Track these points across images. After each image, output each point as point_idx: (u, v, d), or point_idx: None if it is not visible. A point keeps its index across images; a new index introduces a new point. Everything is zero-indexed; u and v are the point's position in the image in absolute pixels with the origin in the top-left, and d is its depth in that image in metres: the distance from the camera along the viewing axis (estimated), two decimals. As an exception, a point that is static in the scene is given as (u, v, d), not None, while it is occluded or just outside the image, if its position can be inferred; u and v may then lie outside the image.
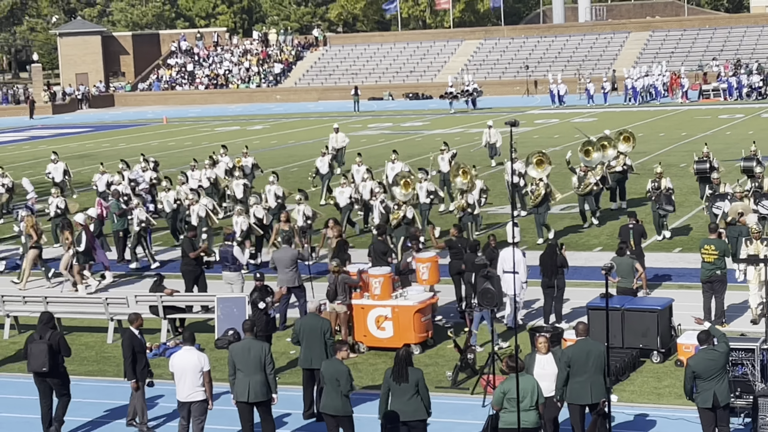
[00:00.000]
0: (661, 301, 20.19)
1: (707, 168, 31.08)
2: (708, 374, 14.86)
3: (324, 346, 17.12)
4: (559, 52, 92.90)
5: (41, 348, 16.82)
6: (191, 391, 15.86)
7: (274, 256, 23.17)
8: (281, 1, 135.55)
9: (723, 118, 60.84)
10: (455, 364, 18.94)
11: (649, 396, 17.71)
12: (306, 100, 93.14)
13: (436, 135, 59.94)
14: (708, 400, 14.85)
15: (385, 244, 23.84)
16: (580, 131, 33.21)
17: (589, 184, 30.68)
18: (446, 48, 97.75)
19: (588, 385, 15.10)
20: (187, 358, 15.92)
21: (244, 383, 15.76)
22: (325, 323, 17.41)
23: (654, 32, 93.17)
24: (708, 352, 15.03)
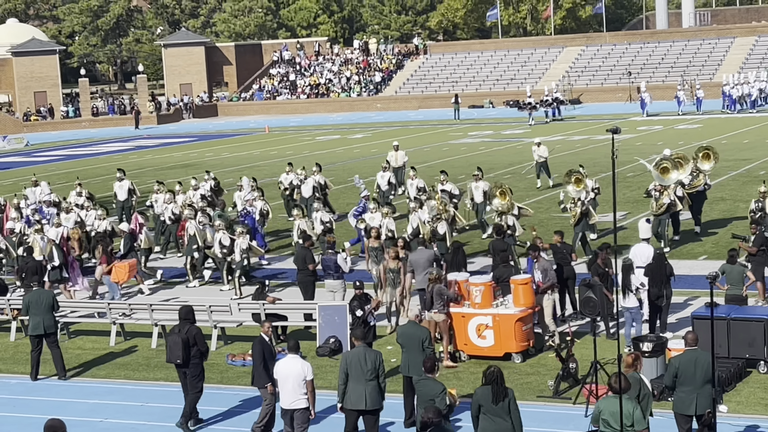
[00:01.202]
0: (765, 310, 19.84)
1: None
2: None
3: (423, 355, 17.12)
4: (662, 58, 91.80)
5: (176, 341, 17.65)
6: (294, 398, 15.99)
7: (411, 258, 23.66)
8: (382, 10, 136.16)
9: (832, 123, 59.64)
10: (557, 373, 18.80)
11: (756, 407, 17.39)
12: (406, 109, 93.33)
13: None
14: None
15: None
16: (645, 164, 31.31)
17: (663, 205, 28.94)
18: (547, 55, 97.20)
19: (695, 395, 14.91)
20: (290, 365, 16.05)
21: (359, 391, 15.83)
22: (424, 331, 17.43)
23: (760, 37, 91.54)
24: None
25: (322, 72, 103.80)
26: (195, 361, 17.80)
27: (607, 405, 13.65)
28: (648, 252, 22.85)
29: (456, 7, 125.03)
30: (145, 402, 19.44)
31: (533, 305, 21.00)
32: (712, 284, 14.94)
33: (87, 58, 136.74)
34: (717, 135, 57.24)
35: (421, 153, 57.52)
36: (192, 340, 17.70)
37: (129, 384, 20.65)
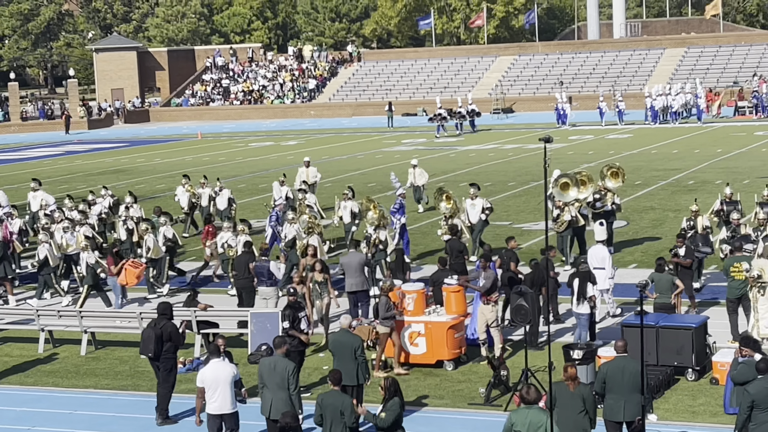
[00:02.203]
0: (696, 318, 20.08)
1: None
2: (766, 404, 14.43)
3: (355, 363, 17.13)
4: (593, 69, 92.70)
5: (150, 335, 18.12)
6: (225, 402, 15.97)
7: (342, 261, 23.83)
8: (316, 17, 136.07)
9: (759, 135, 60.49)
10: (488, 380, 18.88)
11: (684, 414, 17.58)
12: (340, 116, 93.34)
13: (470, 151, 59.91)
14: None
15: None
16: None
17: (564, 222, 28.14)
18: (480, 64, 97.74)
19: (622, 402, 15.07)
20: (218, 369, 16.03)
21: (267, 400, 15.87)
22: (356, 340, 17.42)
23: (689, 49, 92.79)
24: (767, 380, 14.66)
25: (256, 78, 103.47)
26: (168, 355, 18.12)
27: (519, 416, 13.68)
28: (603, 253, 23.46)
29: (390, 15, 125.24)
30: (73, 410, 19.21)
31: (465, 313, 21.09)
32: (642, 292, 15.11)
33: (17, 62, 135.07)
34: (646, 145, 57.91)
35: (354, 160, 57.55)
36: (167, 336, 18.07)
37: (57, 391, 20.40)
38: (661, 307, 20.94)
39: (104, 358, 22.44)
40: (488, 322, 20.57)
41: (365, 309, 23.38)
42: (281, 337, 17.18)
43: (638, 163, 49.63)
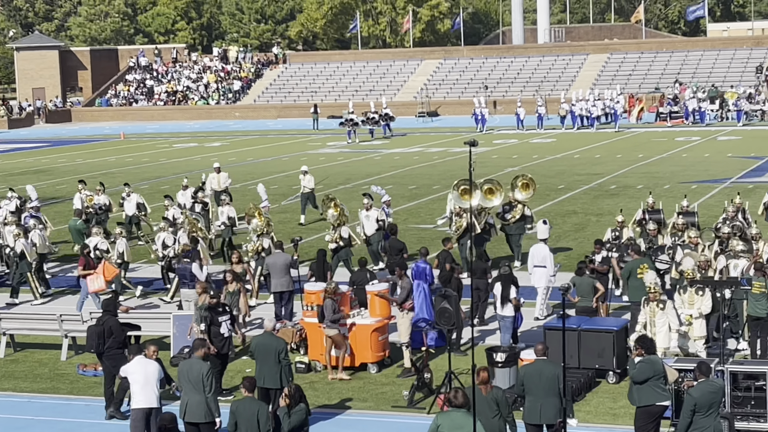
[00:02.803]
0: (618, 322, 20.27)
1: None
2: (707, 408, 14.58)
3: (279, 366, 17.06)
4: (518, 73, 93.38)
5: (94, 331, 18.34)
6: (153, 397, 15.93)
7: (268, 261, 23.83)
8: (241, 19, 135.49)
9: (680, 140, 61.33)
10: (412, 383, 18.90)
11: (605, 416, 17.73)
12: (265, 118, 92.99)
13: (395, 154, 60.01)
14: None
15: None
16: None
17: (461, 227, 27.58)
18: (406, 67, 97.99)
19: (539, 405, 15.17)
20: (146, 365, 16.04)
21: (184, 402, 15.80)
22: (280, 343, 17.35)
23: (612, 54, 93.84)
24: (710, 384, 14.85)
25: (180, 79, 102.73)
26: (111, 352, 18.13)
27: (445, 419, 13.71)
28: (544, 252, 23.86)
29: (316, 17, 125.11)
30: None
31: (390, 316, 21.09)
32: (564, 296, 15.22)
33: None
34: (569, 149, 58.45)
35: (279, 162, 57.36)
36: (108, 332, 18.18)
37: (-25, 395, 20.06)
38: (583, 310, 21.13)
39: (23, 361, 22.11)
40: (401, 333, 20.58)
41: (288, 310, 23.37)
42: (200, 339, 17.10)
43: (561, 168, 50.07)
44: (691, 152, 54.98)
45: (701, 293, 19.40)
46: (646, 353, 15.56)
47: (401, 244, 26.09)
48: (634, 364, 15.58)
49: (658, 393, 15.43)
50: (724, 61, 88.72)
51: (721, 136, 62.68)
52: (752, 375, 16.42)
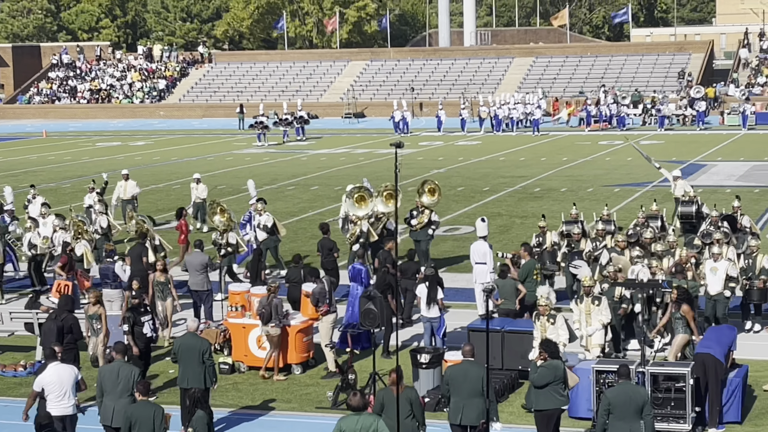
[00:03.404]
0: (541, 323, 20.39)
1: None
2: (624, 410, 14.56)
3: (202, 367, 16.95)
4: (444, 76, 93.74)
5: (51, 327, 18.36)
6: (69, 404, 15.69)
7: (187, 259, 23.92)
8: (166, 17, 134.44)
9: (603, 144, 61.96)
10: (336, 384, 18.87)
11: (528, 417, 17.82)
12: (190, 117, 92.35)
13: (321, 155, 59.94)
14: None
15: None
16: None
17: (354, 234, 26.98)
18: (333, 68, 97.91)
19: (461, 405, 15.21)
20: (63, 371, 15.76)
21: (109, 407, 15.54)
22: (204, 343, 17.24)
23: (537, 58, 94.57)
24: (627, 386, 14.88)
25: (104, 77, 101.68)
26: (68, 347, 18.02)
27: (348, 423, 13.65)
28: (484, 249, 24.07)
29: (242, 17, 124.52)
30: None
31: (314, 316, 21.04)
32: (488, 297, 15.31)
33: None
34: (495, 152, 58.78)
35: (204, 162, 57.00)
36: (67, 328, 18.28)
37: None
38: (506, 312, 21.24)
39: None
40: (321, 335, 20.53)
41: (207, 309, 23.33)
42: (122, 342, 16.93)
43: (486, 170, 50.35)
44: (614, 156, 55.57)
45: (597, 303, 19.46)
46: (550, 357, 15.70)
47: (332, 243, 26.08)
48: (536, 367, 15.69)
49: (557, 397, 15.55)
50: (647, 66, 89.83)
51: (643, 141, 63.41)
52: (672, 376, 16.61)
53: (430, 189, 28.48)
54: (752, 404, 18.01)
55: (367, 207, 27.16)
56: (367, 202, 27.10)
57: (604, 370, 16.84)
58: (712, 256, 21.93)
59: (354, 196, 27.14)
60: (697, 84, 79.32)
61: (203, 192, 35.66)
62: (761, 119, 71.23)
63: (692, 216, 26.92)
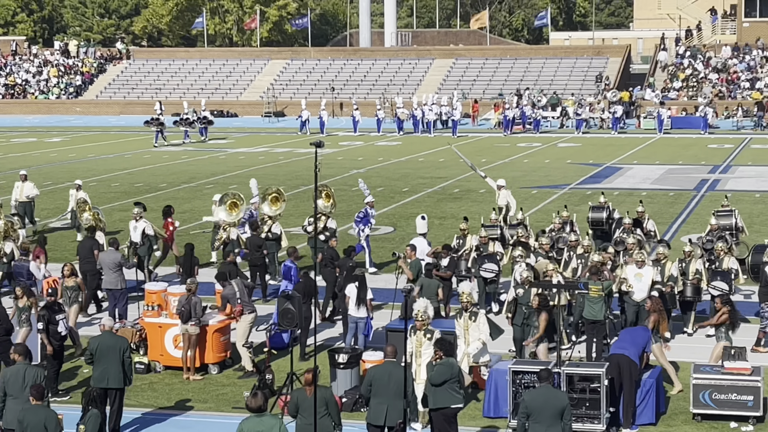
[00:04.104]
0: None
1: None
2: (542, 414, 14.59)
3: (121, 365, 16.76)
4: (365, 76, 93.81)
5: None
6: None
7: (101, 257, 23.64)
8: (84, 12, 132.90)
9: (521, 146, 62.43)
10: (253, 384, 18.77)
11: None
12: (107, 114, 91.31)
13: (240, 153, 59.64)
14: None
15: None
16: None
17: (222, 239, 27.25)
18: (253, 66, 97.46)
19: (385, 406, 15.20)
20: None
21: (12, 410, 15.03)
22: (124, 342, 17.06)
23: (457, 60, 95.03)
24: (546, 390, 14.88)
25: (19, 72, 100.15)
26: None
27: (250, 425, 13.56)
28: (423, 245, 24.53)
29: (161, 13, 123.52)
30: None
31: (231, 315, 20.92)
32: (407, 297, 15.32)
33: None
34: (414, 153, 58.95)
35: (121, 160, 56.44)
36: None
37: None
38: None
39: None
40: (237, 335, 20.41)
41: (121, 308, 23.11)
42: (22, 345, 16.54)
43: (406, 171, 50.48)
44: (532, 158, 56.03)
45: (474, 319, 18.59)
46: (444, 356, 15.78)
47: (261, 241, 26.10)
48: (432, 366, 15.75)
49: (453, 395, 15.60)
50: (566, 69, 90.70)
51: (561, 143, 64.05)
52: (587, 377, 16.77)
53: (273, 198, 28.18)
54: (666, 405, 18.25)
55: (239, 213, 27.41)
56: (239, 209, 27.43)
57: (521, 371, 16.95)
58: (636, 263, 21.67)
59: (227, 203, 27.42)
60: (614, 88, 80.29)
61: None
62: (677, 123, 72.32)
63: (602, 222, 27.04)
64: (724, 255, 23.06)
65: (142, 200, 31.54)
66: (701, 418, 17.60)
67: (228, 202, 27.57)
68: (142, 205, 28.11)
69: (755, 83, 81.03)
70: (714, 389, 17.50)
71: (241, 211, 27.67)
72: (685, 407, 17.96)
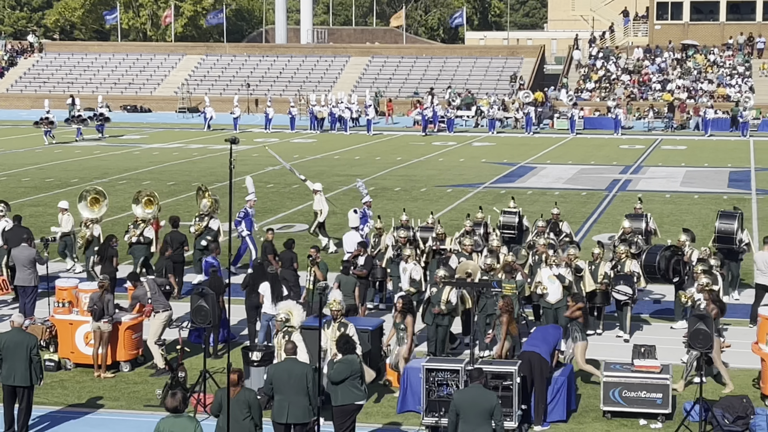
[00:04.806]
0: (373, 321, 20.52)
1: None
2: (470, 414, 14.53)
3: (29, 363, 16.52)
4: (280, 73, 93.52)
5: None
6: None
7: (14, 253, 23.32)
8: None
9: (436, 144, 62.70)
10: (165, 382, 18.64)
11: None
12: (18, 107, 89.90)
13: (153, 149, 59.10)
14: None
15: None
16: None
17: (85, 236, 26.74)
18: (167, 61, 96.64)
19: (287, 404, 15.18)
20: None
21: None
22: (32, 339, 16.81)
23: (373, 58, 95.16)
24: (475, 389, 14.80)
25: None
26: None
27: (167, 425, 13.46)
28: (356, 238, 24.90)
29: (74, 6, 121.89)
30: None
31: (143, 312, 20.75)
32: (321, 295, 15.32)
33: None
34: (330, 150, 58.92)
35: (32, 154, 55.65)
36: None
37: None
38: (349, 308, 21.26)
39: None
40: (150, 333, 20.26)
41: (29, 305, 22.75)
42: None
43: (321, 168, 50.42)
44: (447, 157, 56.31)
45: (344, 329, 17.98)
46: (344, 354, 15.82)
47: (183, 237, 25.87)
48: (333, 364, 15.79)
49: (354, 392, 15.61)
50: (481, 69, 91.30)
51: (476, 142, 64.46)
52: (500, 375, 16.90)
53: (146, 201, 27.48)
54: (577, 403, 18.47)
55: (101, 209, 27.21)
56: (101, 205, 27.21)
57: (434, 369, 17.03)
58: (550, 265, 21.74)
59: (88, 199, 27.15)
60: (527, 89, 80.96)
61: None
62: (589, 124, 73.20)
63: (514, 227, 27.05)
64: (626, 258, 23.12)
65: (54, 196, 31.02)
66: (611, 415, 17.83)
67: (89, 198, 27.23)
68: (6, 204, 27.46)
69: (666, 85, 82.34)
70: (624, 387, 17.75)
71: (103, 206, 27.25)
72: (596, 405, 18.19)
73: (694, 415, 17.12)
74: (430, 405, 16.92)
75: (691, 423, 17.01)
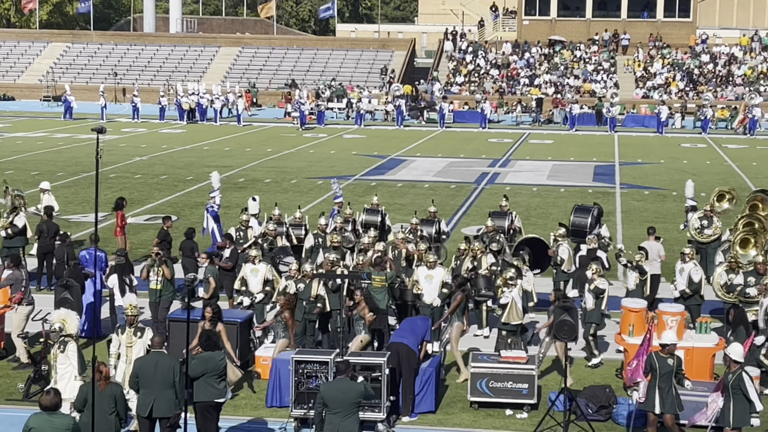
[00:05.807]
0: (242, 314, 20.41)
1: None
2: (336, 405, 14.54)
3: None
4: (149, 62, 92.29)
5: None
6: None
7: None
8: None
9: (307, 137, 62.59)
10: (28, 375, 18.27)
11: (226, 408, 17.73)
12: None
13: (17, 138, 57.79)
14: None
15: None
16: None
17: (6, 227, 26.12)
18: (31, 49, 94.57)
19: (153, 398, 15.00)
20: None
21: None
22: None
23: (243, 48, 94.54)
24: (341, 382, 14.80)
25: None
26: None
27: (39, 421, 13.21)
28: (255, 226, 25.35)
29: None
30: None
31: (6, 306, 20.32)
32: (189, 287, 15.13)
33: None
34: (199, 141, 58.38)
35: None
36: None
37: None
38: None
39: None
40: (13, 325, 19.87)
41: None
42: None
43: (190, 159, 49.93)
44: (317, 149, 56.25)
45: (140, 335, 17.17)
46: (204, 350, 15.72)
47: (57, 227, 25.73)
48: (192, 359, 15.66)
49: (212, 390, 15.44)
50: (352, 61, 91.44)
51: (346, 135, 64.52)
52: (368, 366, 16.94)
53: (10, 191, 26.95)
54: (444, 393, 18.63)
55: None
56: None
57: (303, 361, 17.00)
58: (427, 264, 21.56)
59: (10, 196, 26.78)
60: (398, 82, 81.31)
61: None
62: (459, 117, 73.87)
63: (377, 225, 26.99)
64: (481, 255, 22.90)
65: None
66: (478, 405, 18.03)
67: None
68: None
69: (534, 80, 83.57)
70: (491, 377, 17.96)
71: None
72: (463, 395, 18.37)
73: (558, 405, 17.42)
74: (299, 397, 16.90)
75: (556, 413, 17.29)
